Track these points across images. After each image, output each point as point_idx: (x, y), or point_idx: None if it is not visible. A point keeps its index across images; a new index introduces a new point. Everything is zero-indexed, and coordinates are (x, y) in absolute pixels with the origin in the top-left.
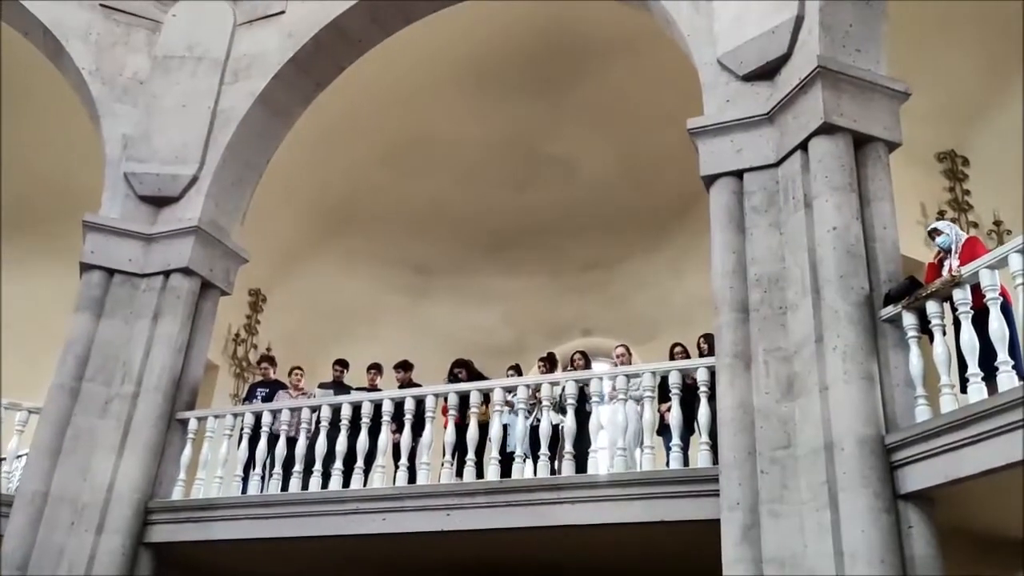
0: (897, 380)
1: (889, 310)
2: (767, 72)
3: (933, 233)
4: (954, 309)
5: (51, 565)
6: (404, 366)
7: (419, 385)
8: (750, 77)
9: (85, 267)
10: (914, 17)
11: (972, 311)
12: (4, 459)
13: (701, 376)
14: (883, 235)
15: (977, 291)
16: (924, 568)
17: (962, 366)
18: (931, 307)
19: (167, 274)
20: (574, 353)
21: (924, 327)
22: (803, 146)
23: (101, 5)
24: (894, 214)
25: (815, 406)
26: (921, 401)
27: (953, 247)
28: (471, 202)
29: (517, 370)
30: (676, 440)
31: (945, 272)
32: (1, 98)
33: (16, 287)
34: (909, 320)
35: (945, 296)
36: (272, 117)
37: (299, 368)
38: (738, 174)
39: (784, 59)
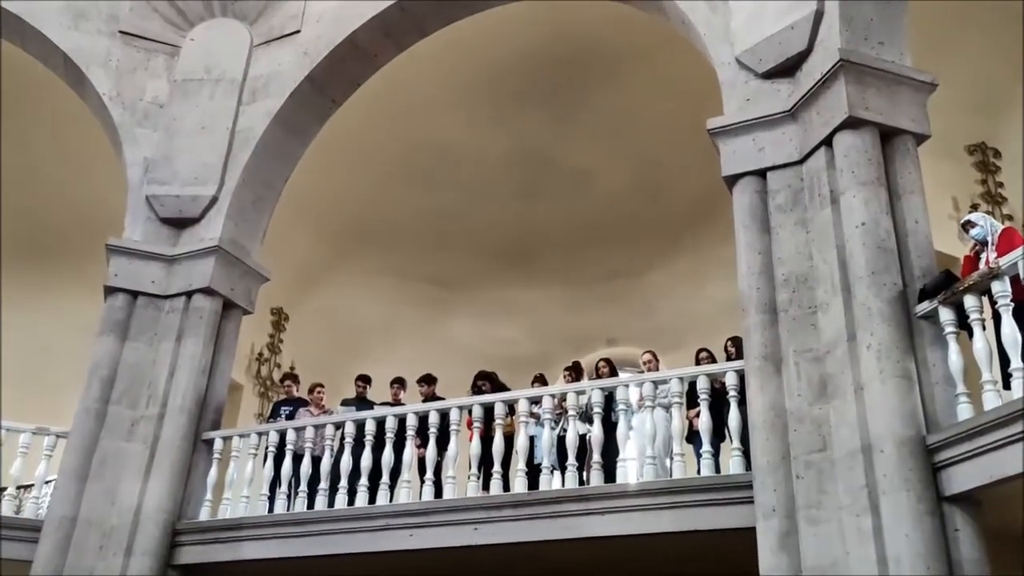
0: (936, 378)
1: (925, 306)
2: (787, 69)
3: (967, 226)
4: (993, 302)
5: None
6: (427, 380)
7: (443, 399)
8: (770, 74)
9: (109, 290)
10: (939, 8)
11: (1012, 303)
12: (32, 485)
13: (730, 380)
14: (915, 229)
15: (1017, 283)
16: (971, 572)
17: (1004, 361)
18: (969, 301)
19: (189, 295)
20: (599, 361)
21: (962, 322)
22: (827, 142)
23: (120, 32)
24: (925, 207)
25: (850, 407)
26: (963, 399)
27: (989, 239)
28: (489, 215)
29: (542, 380)
30: (707, 447)
31: (982, 265)
32: (24, 128)
33: (42, 314)
34: (946, 315)
35: (983, 289)
36: (289, 136)
37: (320, 385)
38: (761, 173)
39: (804, 55)
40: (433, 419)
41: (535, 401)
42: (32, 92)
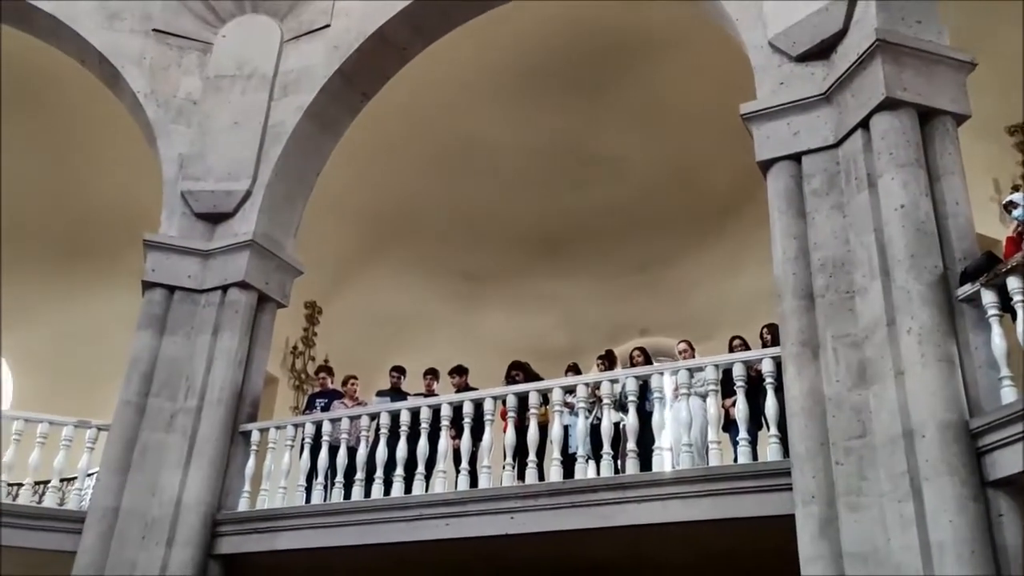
0: (979, 361)
1: (966, 288)
2: (822, 51)
3: (1009, 206)
4: None
5: None
6: (459, 370)
7: (475, 389)
8: (804, 57)
9: (147, 285)
10: None
11: None
12: (75, 478)
13: (766, 367)
14: (955, 211)
15: None
16: (1017, 558)
17: None
18: (1012, 283)
19: (225, 289)
20: (633, 349)
21: (1005, 305)
22: (864, 124)
23: (154, 31)
24: (966, 189)
25: (890, 392)
26: (1007, 382)
27: None
28: (521, 206)
29: (575, 370)
30: (743, 434)
31: None
32: (60, 128)
33: (81, 309)
34: (989, 298)
35: None
36: (320, 130)
37: (354, 377)
38: (796, 157)
39: (839, 36)
40: (467, 409)
41: (569, 390)
42: (66, 91)
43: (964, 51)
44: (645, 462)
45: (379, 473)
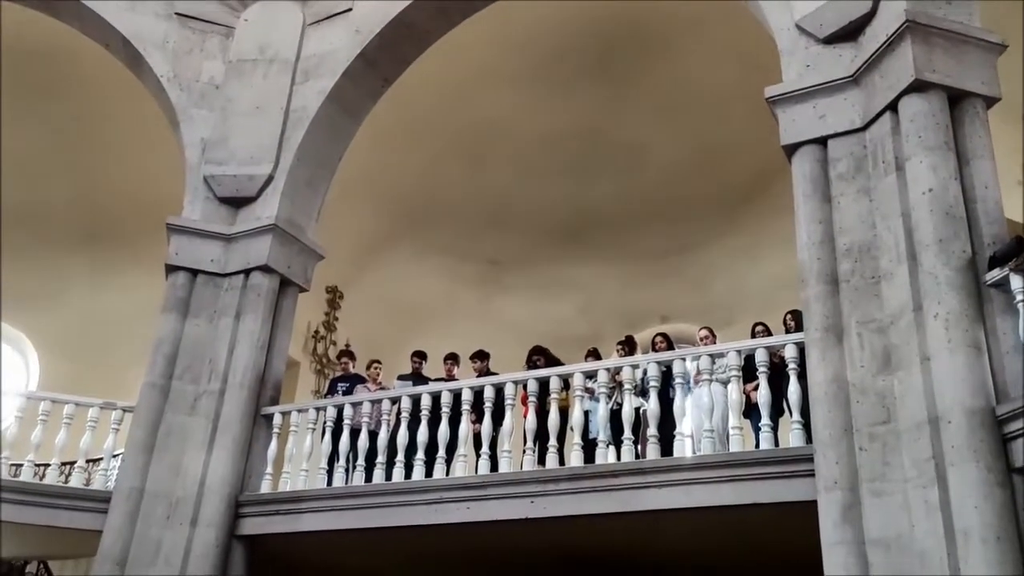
0: (1006, 347)
1: (995, 273)
2: (849, 33)
3: None
4: None
5: (149, 558)
6: (480, 355)
7: (495, 374)
8: (831, 39)
9: (170, 269)
10: None
11: None
12: (101, 459)
13: (790, 353)
14: (984, 195)
15: None
16: None
17: None
18: None
19: (247, 273)
20: (656, 335)
21: None
22: (892, 107)
23: (177, 14)
24: (995, 172)
25: (916, 378)
26: None
27: None
28: (542, 192)
29: (595, 355)
30: (766, 420)
31: None
32: (84, 112)
33: (106, 292)
34: (1017, 283)
35: None
36: (342, 114)
37: (377, 362)
38: (821, 141)
39: (868, 17)
40: (488, 394)
41: (590, 375)
42: (91, 75)
43: (995, 33)
44: (667, 447)
45: (400, 457)
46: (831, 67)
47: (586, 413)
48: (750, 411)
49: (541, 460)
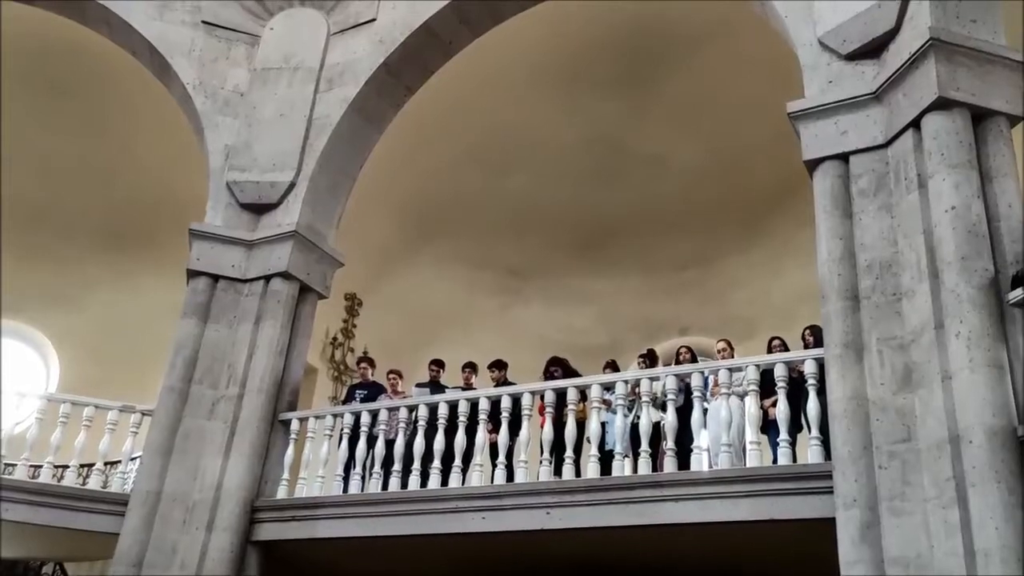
0: None
1: (1018, 293)
2: (872, 50)
3: None
4: None
5: (165, 561)
6: (498, 365)
7: (513, 384)
8: (854, 56)
9: (191, 274)
10: None
11: None
12: (119, 461)
13: (809, 368)
14: (1008, 213)
15: None
16: None
17: None
18: None
19: (267, 279)
20: (680, 347)
21: None
22: (915, 124)
23: (203, 23)
24: (1019, 191)
25: (937, 397)
26: None
27: None
28: (561, 202)
29: (613, 366)
30: (784, 435)
31: None
32: (108, 116)
33: (127, 296)
34: None
35: None
36: (365, 123)
37: (397, 372)
38: (843, 157)
39: (891, 35)
40: (505, 403)
41: (608, 387)
42: (115, 79)
43: (1019, 51)
44: (684, 461)
45: (416, 465)
46: (853, 84)
47: (603, 425)
48: (768, 426)
49: (557, 471)
